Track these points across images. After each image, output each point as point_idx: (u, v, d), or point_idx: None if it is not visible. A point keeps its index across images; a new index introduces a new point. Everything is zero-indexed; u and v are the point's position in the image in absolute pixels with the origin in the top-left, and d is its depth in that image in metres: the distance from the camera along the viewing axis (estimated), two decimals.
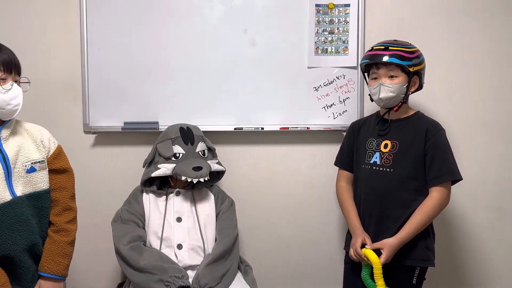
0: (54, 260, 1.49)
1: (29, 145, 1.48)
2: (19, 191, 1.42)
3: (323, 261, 2.21)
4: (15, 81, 1.43)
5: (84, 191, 1.94)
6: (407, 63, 1.69)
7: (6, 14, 2.08)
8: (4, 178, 1.39)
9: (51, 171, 1.54)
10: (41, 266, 1.49)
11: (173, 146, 1.88)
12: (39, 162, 1.48)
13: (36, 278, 1.50)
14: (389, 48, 1.71)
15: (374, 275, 1.62)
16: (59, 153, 1.57)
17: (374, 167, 1.78)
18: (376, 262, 1.60)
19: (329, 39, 2.12)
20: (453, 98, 2.17)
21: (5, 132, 1.43)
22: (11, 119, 1.45)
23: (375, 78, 1.75)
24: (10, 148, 1.42)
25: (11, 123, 1.46)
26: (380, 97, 1.73)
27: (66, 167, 1.58)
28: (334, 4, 2.11)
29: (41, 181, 1.49)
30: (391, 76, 1.71)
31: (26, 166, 1.44)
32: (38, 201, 1.48)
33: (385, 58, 1.70)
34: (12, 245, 1.40)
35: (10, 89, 1.39)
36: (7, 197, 1.39)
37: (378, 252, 1.65)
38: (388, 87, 1.71)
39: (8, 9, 2.08)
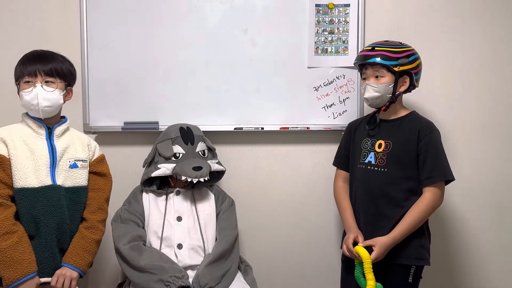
0: (79, 254, 1.61)
1: (76, 146, 1.69)
2: (60, 181, 1.61)
3: (323, 261, 2.21)
4: (46, 82, 1.59)
5: None
6: (391, 62, 1.71)
7: (6, 14, 2.08)
8: (49, 167, 1.60)
9: (93, 173, 1.72)
10: (65, 258, 1.60)
11: (173, 146, 1.88)
12: (82, 160, 1.68)
13: (51, 272, 1.58)
14: (375, 48, 1.74)
15: (364, 270, 1.63)
16: (102, 159, 1.78)
17: (368, 167, 1.79)
18: (366, 257, 1.62)
19: (329, 39, 2.12)
20: (453, 98, 2.17)
21: (58, 131, 1.66)
22: (65, 122, 1.69)
23: (365, 79, 1.78)
24: (59, 144, 1.64)
25: (65, 125, 1.69)
26: (365, 96, 1.77)
27: (107, 173, 1.77)
28: (334, 4, 2.11)
29: (81, 177, 1.67)
30: (377, 76, 1.74)
31: (70, 161, 1.65)
32: (74, 194, 1.64)
33: (370, 59, 1.73)
34: (42, 226, 1.56)
35: (30, 92, 1.57)
36: (48, 182, 1.58)
37: (370, 249, 1.66)
38: (373, 87, 1.73)
39: (8, 9, 2.08)
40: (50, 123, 1.65)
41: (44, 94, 1.58)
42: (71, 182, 1.64)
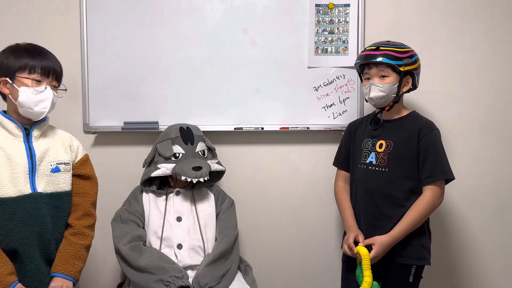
0: (68, 261, 1.50)
1: (58, 147, 1.55)
2: (41, 188, 1.47)
3: (323, 261, 2.21)
4: (53, 86, 1.50)
5: None
6: (397, 62, 1.71)
7: (6, 14, 2.08)
8: (28, 173, 1.45)
9: (76, 176, 1.59)
10: (54, 267, 1.50)
11: (173, 146, 1.88)
12: (64, 163, 1.54)
13: (48, 281, 1.48)
14: (380, 48, 1.74)
15: (362, 266, 1.63)
16: (86, 160, 1.63)
17: (369, 167, 1.79)
18: (365, 253, 1.63)
19: (329, 39, 2.12)
20: (452, 98, 2.17)
21: (37, 132, 1.51)
22: (45, 121, 1.53)
23: (368, 78, 1.77)
24: (39, 146, 1.49)
25: (44, 125, 1.53)
26: (370, 96, 1.75)
27: (91, 175, 1.63)
28: (334, 4, 2.11)
29: (64, 182, 1.53)
30: (382, 76, 1.73)
31: (51, 165, 1.51)
32: (58, 200, 1.51)
33: (375, 58, 1.72)
34: (22, 239, 1.42)
35: (42, 91, 1.46)
36: (27, 190, 1.44)
37: (370, 248, 1.67)
38: (378, 86, 1.72)
39: (8, 9, 2.08)
40: (27, 123, 1.49)
41: (54, 99, 1.49)
42: (53, 187, 1.50)
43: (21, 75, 1.45)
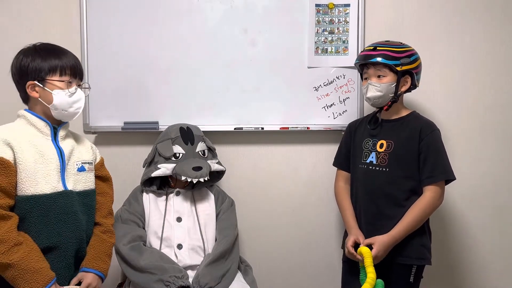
0: (101, 257, 1.54)
1: (80, 148, 1.59)
2: (70, 186, 1.49)
3: (323, 261, 2.21)
4: (78, 86, 1.52)
5: None
6: (394, 62, 1.71)
7: (7, 14, 2.08)
8: (59, 171, 1.47)
9: (97, 177, 1.64)
10: (88, 263, 1.52)
11: (173, 146, 1.88)
12: (88, 163, 1.58)
13: (66, 281, 1.48)
14: (377, 48, 1.75)
15: (365, 264, 1.63)
16: (103, 163, 1.69)
17: (370, 167, 1.79)
18: (366, 251, 1.63)
19: (329, 39, 2.12)
20: (452, 98, 2.18)
21: (62, 132, 1.53)
22: (66, 124, 1.55)
23: (367, 78, 1.78)
24: (65, 146, 1.52)
25: (67, 125, 1.56)
26: (368, 96, 1.76)
27: (109, 176, 1.70)
28: (334, 4, 2.11)
29: (89, 180, 1.58)
30: (380, 76, 1.73)
31: (77, 164, 1.54)
32: (86, 198, 1.55)
33: (373, 58, 1.73)
34: (57, 236, 1.44)
35: (74, 92, 1.48)
36: (60, 187, 1.46)
37: (371, 248, 1.67)
38: (376, 86, 1.73)
39: (9, 9, 2.08)
40: (54, 123, 1.51)
41: (84, 99, 1.52)
42: (81, 186, 1.53)
43: (52, 78, 1.45)
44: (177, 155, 1.88)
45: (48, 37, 2.06)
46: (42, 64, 1.44)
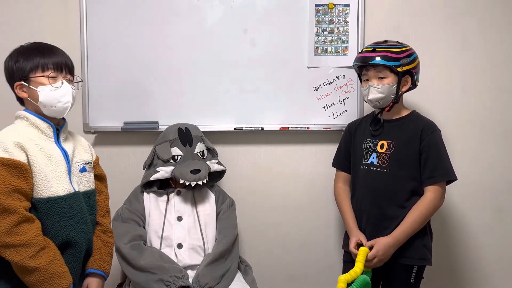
0: (105, 259, 1.56)
1: (79, 148, 1.57)
2: (76, 187, 1.49)
3: (323, 261, 2.21)
4: (68, 80, 1.48)
5: None
6: (394, 63, 1.70)
7: (6, 14, 2.08)
8: (67, 173, 1.46)
9: (94, 176, 1.62)
10: (95, 264, 1.53)
11: (171, 148, 1.88)
12: (88, 163, 1.57)
13: (81, 279, 1.51)
14: (376, 49, 1.73)
15: (356, 258, 1.62)
16: (98, 162, 1.67)
17: (371, 168, 1.78)
18: (362, 249, 1.62)
19: (329, 39, 2.12)
20: (452, 98, 2.17)
21: (63, 133, 1.51)
22: (66, 125, 1.52)
23: (366, 80, 1.77)
24: (67, 146, 1.51)
25: (67, 126, 1.54)
26: (369, 98, 1.75)
27: (104, 175, 1.68)
28: (334, 4, 2.11)
29: (90, 181, 1.57)
30: (380, 78, 1.72)
31: (79, 165, 1.53)
32: (89, 198, 1.54)
33: (372, 60, 1.71)
34: (73, 236, 1.44)
35: (60, 87, 1.44)
36: (71, 189, 1.46)
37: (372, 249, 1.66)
38: (377, 88, 1.72)
39: (9, 9, 2.08)
40: (55, 123, 1.48)
41: (73, 92, 1.46)
42: (84, 186, 1.52)
43: (35, 75, 1.42)
44: (176, 157, 1.87)
45: (48, 37, 2.05)
46: (24, 64, 1.42)
